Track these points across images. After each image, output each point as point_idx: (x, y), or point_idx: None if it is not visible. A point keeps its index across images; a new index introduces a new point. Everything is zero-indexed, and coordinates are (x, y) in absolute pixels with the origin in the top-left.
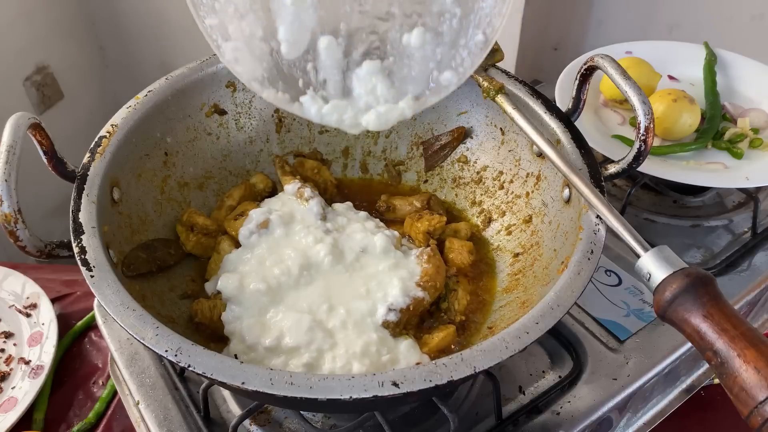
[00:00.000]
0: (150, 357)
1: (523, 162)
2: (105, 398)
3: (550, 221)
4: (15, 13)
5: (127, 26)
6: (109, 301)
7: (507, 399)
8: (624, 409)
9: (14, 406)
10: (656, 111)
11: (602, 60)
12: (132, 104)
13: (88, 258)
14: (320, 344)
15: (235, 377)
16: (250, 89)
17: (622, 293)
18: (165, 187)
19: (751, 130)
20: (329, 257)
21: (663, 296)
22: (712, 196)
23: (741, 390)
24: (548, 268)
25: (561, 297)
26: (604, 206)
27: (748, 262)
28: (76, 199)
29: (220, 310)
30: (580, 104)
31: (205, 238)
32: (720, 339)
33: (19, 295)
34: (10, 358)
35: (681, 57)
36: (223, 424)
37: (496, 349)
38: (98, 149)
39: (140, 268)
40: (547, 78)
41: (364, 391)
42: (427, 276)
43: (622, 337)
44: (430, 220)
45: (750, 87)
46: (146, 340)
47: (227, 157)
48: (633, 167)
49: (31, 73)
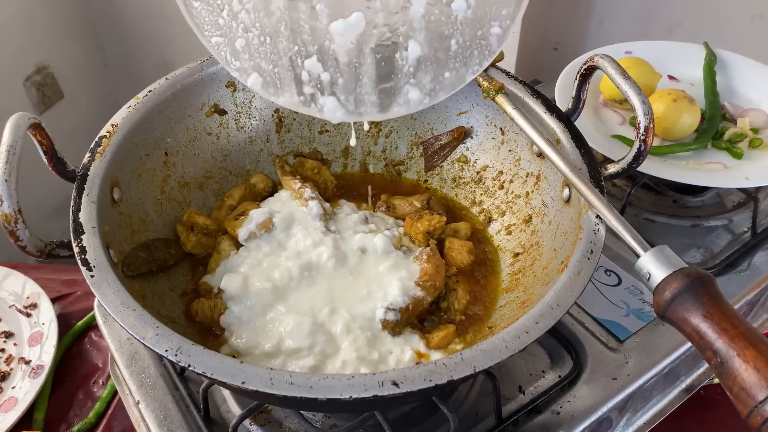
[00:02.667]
0: (150, 357)
1: (523, 162)
2: (105, 398)
3: (550, 221)
4: (15, 13)
5: (127, 26)
6: (109, 300)
7: (507, 399)
8: (624, 409)
9: (14, 406)
10: (656, 111)
11: (602, 60)
12: (132, 104)
13: (88, 258)
14: (323, 347)
15: (235, 377)
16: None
17: (622, 293)
18: (165, 186)
19: (750, 130)
20: (332, 260)
21: (663, 296)
22: (712, 196)
23: (741, 390)
24: (548, 267)
25: (561, 297)
26: (604, 206)
27: (748, 262)
28: (76, 199)
29: (221, 310)
30: (580, 104)
31: (205, 238)
32: (720, 339)
33: (19, 295)
34: (11, 358)
35: (681, 57)
36: (223, 424)
37: (496, 349)
38: (98, 149)
39: (140, 267)
40: (547, 78)
41: (364, 391)
42: (426, 275)
43: (622, 337)
44: (430, 220)
45: (750, 87)
46: (146, 340)
47: (227, 157)
48: (633, 167)
49: (31, 73)
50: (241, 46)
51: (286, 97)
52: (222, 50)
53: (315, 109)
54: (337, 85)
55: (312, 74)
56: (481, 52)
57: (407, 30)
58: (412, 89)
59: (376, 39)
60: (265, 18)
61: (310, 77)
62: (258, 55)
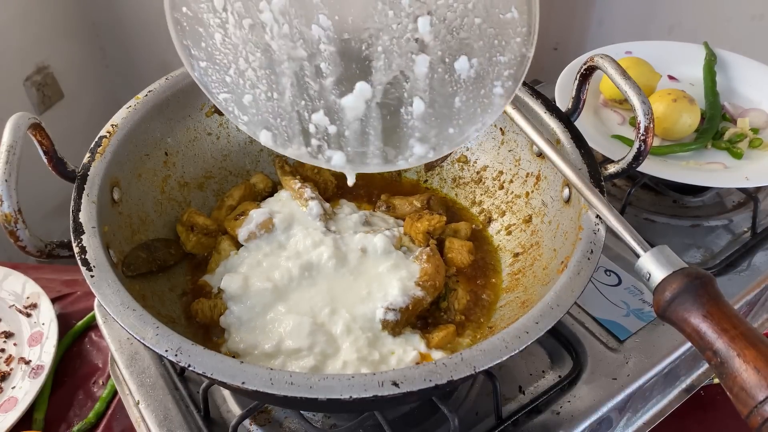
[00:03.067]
0: (150, 357)
1: (523, 162)
2: (105, 398)
3: (550, 221)
4: (15, 13)
5: (127, 26)
6: (109, 301)
7: (507, 399)
8: (624, 409)
9: (14, 406)
10: (656, 111)
11: (602, 60)
12: (132, 104)
13: (88, 258)
14: (323, 348)
15: (235, 377)
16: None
17: (622, 293)
18: (165, 186)
19: (750, 130)
20: (332, 260)
21: (663, 296)
22: (712, 196)
23: (741, 390)
24: (548, 267)
25: (561, 297)
26: (604, 206)
27: (748, 262)
28: (76, 199)
29: (221, 310)
30: (580, 104)
31: (205, 238)
32: (720, 339)
33: (19, 295)
34: (11, 358)
35: (681, 57)
36: (223, 424)
37: (496, 349)
38: (98, 149)
39: (140, 267)
40: (547, 78)
41: (364, 391)
42: (426, 275)
43: (622, 337)
44: (429, 220)
45: (750, 87)
46: (146, 340)
47: (227, 157)
48: (633, 167)
49: (31, 73)
50: (249, 101)
51: (294, 149)
52: (230, 106)
53: (322, 160)
54: (344, 137)
55: (319, 127)
56: (484, 110)
57: (411, 87)
58: (417, 144)
59: (381, 95)
60: (272, 75)
61: (317, 130)
62: (265, 110)
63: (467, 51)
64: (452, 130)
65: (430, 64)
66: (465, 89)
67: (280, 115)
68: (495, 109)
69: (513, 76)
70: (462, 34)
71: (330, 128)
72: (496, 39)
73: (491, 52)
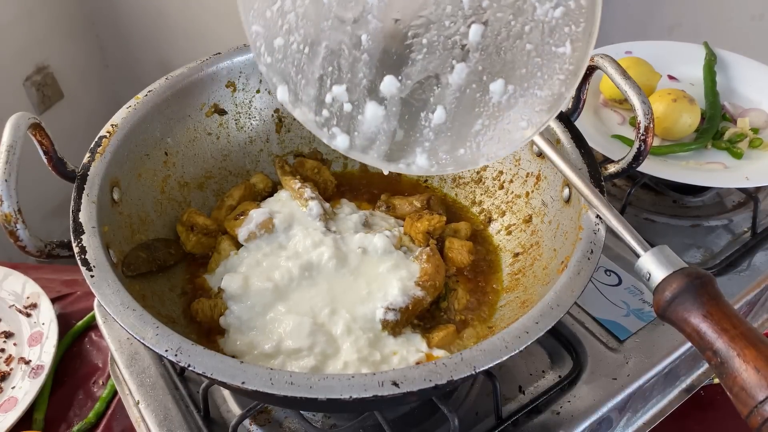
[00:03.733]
0: (150, 357)
1: (523, 162)
2: (105, 398)
3: (550, 221)
4: (15, 13)
5: (127, 26)
6: (109, 301)
7: (507, 399)
8: (624, 409)
9: (14, 406)
10: (656, 111)
11: (602, 60)
12: (132, 104)
13: (88, 258)
14: (324, 348)
15: (235, 377)
16: (253, 92)
17: (622, 293)
18: (165, 186)
19: (750, 130)
20: (332, 260)
21: (663, 296)
22: (712, 196)
23: (741, 390)
24: (548, 267)
25: (561, 297)
26: (604, 206)
27: (748, 261)
28: (76, 199)
29: (221, 309)
30: (580, 104)
31: (205, 238)
32: (720, 339)
33: (19, 295)
34: (11, 358)
35: (681, 57)
36: (223, 424)
37: (496, 349)
38: (98, 149)
39: (140, 267)
40: None
41: (364, 391)
42: (426, 275)
43: (622, 337)
44: (429, 219)
45: (750, 87)
46: (146, 340)
47: (227, 157)
48: (633, 167)
49: (31, 73)
50: (279, 45)
51: (302, 111)
52: (258, 41)
53: (326, 133)
54: (356, 120)
55: (336, 100)
56: (501, 142)
57: (440, 94)
58: (422, 155)
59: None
60: (311, 28)
61: (332, 102)
62: (291, 61)
63: (507, 75)
64: (463, 151)
65: (467, 76)
66: (491, 114)
67: (303, 72)
68: (513, 144)
69: (544, 113)
70: (509, 56)
71: (346, 105)
72: (540, 71)
73: (530, 83)
